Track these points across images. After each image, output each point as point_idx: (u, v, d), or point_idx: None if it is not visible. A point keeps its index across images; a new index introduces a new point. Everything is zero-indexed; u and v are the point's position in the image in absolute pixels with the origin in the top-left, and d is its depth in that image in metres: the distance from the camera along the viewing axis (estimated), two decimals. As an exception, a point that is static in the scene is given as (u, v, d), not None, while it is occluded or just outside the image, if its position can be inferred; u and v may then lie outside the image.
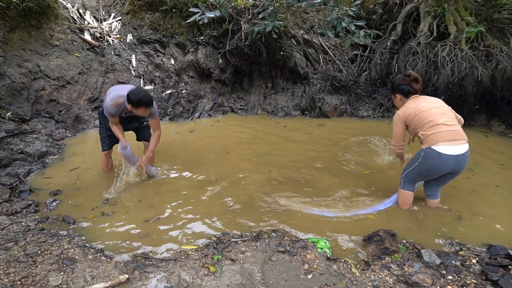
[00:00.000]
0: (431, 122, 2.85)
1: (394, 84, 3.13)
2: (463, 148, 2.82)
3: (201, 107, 7.02)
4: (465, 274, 2.29)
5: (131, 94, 3.18)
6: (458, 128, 2.88)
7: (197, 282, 2.21)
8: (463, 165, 2.89)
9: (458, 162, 2.83)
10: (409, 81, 3.01)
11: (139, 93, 3.20)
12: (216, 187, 3.70)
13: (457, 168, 2.89)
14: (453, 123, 2.87)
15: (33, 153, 4.25)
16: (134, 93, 3.19)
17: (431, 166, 2.90)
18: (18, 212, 3.05)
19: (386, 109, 7.14)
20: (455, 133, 2.83)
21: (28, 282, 2.16)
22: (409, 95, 3.05)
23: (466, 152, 2.84)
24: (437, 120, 2.84)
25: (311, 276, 2.29)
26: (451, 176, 3.03)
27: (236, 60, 7.10)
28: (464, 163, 2.88)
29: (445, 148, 2.79)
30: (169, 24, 7.00)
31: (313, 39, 7.53)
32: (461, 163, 2.86)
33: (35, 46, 5.43)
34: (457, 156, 2.80)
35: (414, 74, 3.04)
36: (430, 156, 2.87)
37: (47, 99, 5.32)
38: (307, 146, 5.15)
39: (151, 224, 2.98)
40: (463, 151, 2.82)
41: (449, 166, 2.85)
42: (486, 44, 6.21)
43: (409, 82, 3.01)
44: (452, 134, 2.82)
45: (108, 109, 3.38)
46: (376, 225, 2.94)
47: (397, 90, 3.10)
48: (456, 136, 2.82)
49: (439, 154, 2.81)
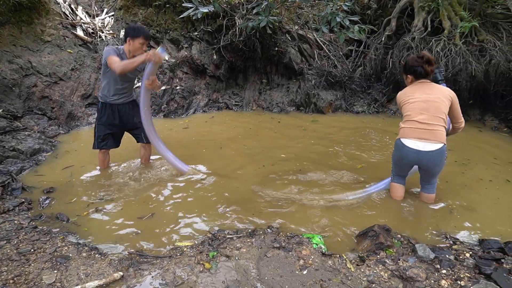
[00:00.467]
0: (408, 116, 2.99)
1: (406, 64, 3.11)
2: (429, 147, 2.89)
3: (196, 104, 6.98)
4: (459, 268, 2.31)
5: (126, 28, 3.29)
6: (432, 128, 2.89)
7: (192, 279, 2.20)
8: (429, 162, 2.95)
9: (420, 157, 2.93)
10: (422, 62, 2.98)
11: (133, 25, 3.31)
12: (211, 183, 3.68)
13: (421, 163, 2.99)
14: (429, 122, 2.89)
15: (25, 150, 4.20)
16: (128, 27, 3.28)
17: (397, 156, 3.10)
18: (10, 210, 3.02)
19: (381, 104, 7.16)
20: (425, 132, 2.89)
21: (21, 280, 2.14)
22: (420, 78, 3.04)
23: (432, 151, 2.88)
24: (413, 116, 2.95)
25: (306, 272, 2.29)
26: (422, 172, 3.14)
27: (231, 56, 7.06)
28: (430, 160, 2.93)
29: (409, 141, 2.95)
30: (163, 19, 6.94)
31: (308, 35, 7.52)
32: (423, 159, 2.94)
33: (26, 42, 5.35)
34: (420, 152, 2.91)
35: (428, 55, 2.99)
36: (397, 146, 3.09)
37: (39, 95, 5.25)
38: (301, 141, 5.15)
39: (145, 221, 2.96)
40: (427, 149, 2.89)
41: (410, 159, 3.00)
42: (480, 39, 6.24)
43: (421, 64, 2.98)
44: (422, 132, 2.90)
45: (107, 50, 3.23)
46: (371, 220, 2.95)
47: (409, 71, 3.08)
48: (425, 135, 2.89)
49: (403, 145, 3.00)
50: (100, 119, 3.61)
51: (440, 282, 2.17)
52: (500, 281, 2.12)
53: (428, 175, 3.12)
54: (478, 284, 2.12)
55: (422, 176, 3.21)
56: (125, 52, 3.34)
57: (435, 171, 3.04)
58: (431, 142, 2.88)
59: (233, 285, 2.16)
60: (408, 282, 2.19)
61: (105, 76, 3.44)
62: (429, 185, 3.22)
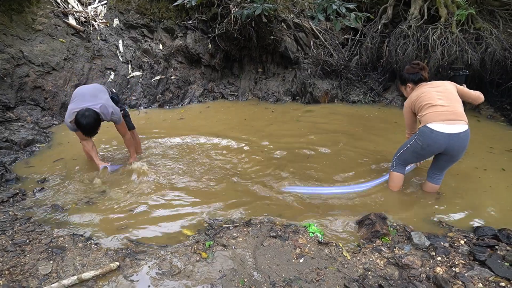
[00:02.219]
0: (428, 103, 2.92)
1: (403, 75, 3.19)
2: (459, 128, 2.81)
3: (191, 93, 6.92)
4: (454, 255, 2.33)
5: (78, 115, 3.13)
6: (456, 109, 2.87)
7: (189, 268, 2.21)
8: (459, 145, 2.87)
9: (451, 141, 2.82)
10: (418, 69, 3.09)
11: (84, 116, 3.11)
12: (206, 174, 3.67)
13: (450, 147, 2.87)
14: (450, 104, 2.88)
15: (19, 141, 4.16)
16: (81, 114, 3.12)
17: (424, 144, 2.93)
18: (4, 202, 2.99)
19: (377, 93, 7.13)
20: (451, 113, 2.84)
21: (17, 271, 2.13)
22: (419, 83, 3.12)
23: (463, 132, 2.82)
24: (433, 102, 2.89)
25: (303, 260, 2.30)
26: (446, 158, 3.02)
27: (226, 45, 6.98)
28: (460, 143, 2.85)
29: (437, 125, 2.83)
30: (156, 8, 6.82)
31: (304, 23, 7.43)
32: (454, 142, 2.83)
33: (16, 30, 5.25)
34: (450, 135, 2.80)
35: (422, 63, 3.14)
36: (423, 134, 2.91)
37: (31, 86, 5.18)
38: (296, 131, 5.14)
39: (141, 211, 2.95)
40: (458, 130, 2.81)
41: (441, 144, 2.86)
42: (477, 27, 6.20)
43: (418, 70, 3.09)
44: (448, 114, 2.83)
45: (69, 125, 3.30)
46: (367, 209, 2.97)
47: (408, 79, 3.16)
48: (451, 116, 2.83)
49: (431, 130, 2.84)
50: None
51: (435, 269, 2.19)
52: (494, 267, 2.15)
53: (450, 161, 3.04)
54: (472, 270, 2.14)
55: (439, 164, 3.13)
56: None
57: (459, 156, 2.98)
58: (458, 123, 2.83)
59: (230, 274, 2.16)
60: (404, 269, 2.21)
61: None
62: (440, 174, 3.20)
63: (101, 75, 6.06)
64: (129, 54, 6.46)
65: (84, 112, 3.10)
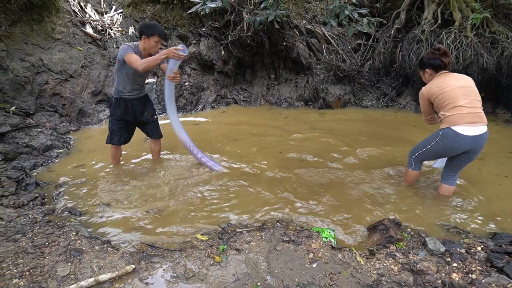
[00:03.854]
0: (452, 103, 2.87)
1: (423, 59, 3.12)
2: (481, 130, 2.85)
3: (204, 99, 7.01)
4: (470, 262, 2.29)
5: (142, 26, 3.28)
6: (479, 110, 2.88)
7: (203, 272, 2.23)
8: (480, 146, 2.92)
9: (475, 142, 2.86)
10: (438, 55, 2.99)
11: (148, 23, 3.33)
12: (222, 177, 3.70)
13: (473, 148, 2.91)
14: (474, 106, 2.87)
15: (38, 146, 4.27)
16: (144, 25, 3.29)
17: (448, 146, 2.94)
18: (25, 205, 3.08)
19: (390, 98, 7.09)
20: (475, 115, 2.84)
21: (37, 272, 2.19)
22: (439, 70, 3.02)
23: (484, 133, 2.87)
24: (458, 102, 2.85)
25: (316, 265, 2.30)
26: (466, 158, 3.02)
27: (239, 52, 7.05)
28: (481, 144, 2.91)
29: (463, 128, 2.83)
30: (171, 16, 6.96)
31: (316, 29, 7.46)
32: (478, 143, 2.88)
33: (37, 40, 5.42)
34: (475, 137, 2.84)
35: (443, 48, 3.03)
36: (447, 136, 2.91)
37: (50, 92, 5.33)
38: (310, 135, 5.14)
39: (157, 214, 3.00)
40: (481, 132, 2.85)
41: (465, 146, 2.89)
42: (492, 30, 6.13)
43: (438, 56, 2.99)
44: (472, 116, 2.83)
45: (126, 48, 3.24)
46: (381, 214, 2.95)
47: (427, 64, 3.07)
48: (475, 119, 2.84)
49: (457, 134, 2.85)
50: (114, 114, 3.64)
51: (451, 275, 2.16)
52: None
53: (467, 161, 3.05)
54: (490, 277, 2.11)
55: (455, 164, 3.13)
56: (139, 49, 3.35)
57: (477, 155, 3.02)
58: (481, 124, 2.86)
59: (244, 278, 2.18)
60: (419, 275, 2.19)
61: (119, 72, 3.45)
62: (455, 176, 3.20)
63: (116, 82, 6.20)
64: (144, 61, 6.59)
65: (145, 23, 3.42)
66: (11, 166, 3.71)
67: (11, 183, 3.34)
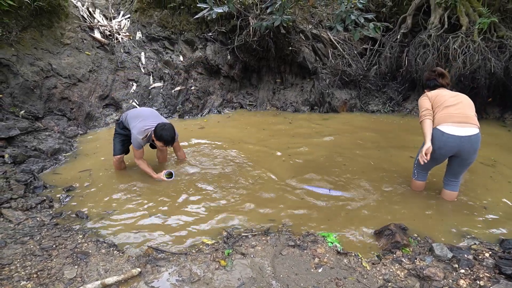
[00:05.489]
0: (442, 104, 2.95)
1: (422, 81, 3.29)
2: (470, 131, 2.83)
3: (210, 104, 7.04)
4: (478, 268, 2.27)
5: (158, 127, 3.43)
6: (469, 113, 2.89)
7: (208, 276, 2.24)
8: (470, 148, 2.87)
9: (462, 143, 2.84)
10: (434, 76, 3.18)
11: (165, 129, 3.42)
12: (227, 181, 3.71)
13: (462, 150, 2.88)
14: (465, 109, 2.90)
15: (46, 150, 4.32)
16: (161, 127, 3.43)
17: (436, 146, 2.93)
18: (33, 208, 3.11)
19: (397, 103, 7.06)
20: (463, 116, 2.86)
21: (44, 275, 2.21)
22: (435, 89, 3.17)
23: (474, 136, 2.83)
24: (448, 104, 2.93)
25: (322, 270, 2.29)
26: (459, 162, 3.01)
27: (245, 56, 7.09)
28: (471, 146, 2.86)
29: (449, 128, 2.85)
30: (178, 21, 7.02)
31: (322, 34, 7.48)
32: (466, 145, 2.85)
33: (46, 44, 5.50)
34: (462, 138, 2.82)
35: (440, 69, 3.18)
36: (435, 137, 2.92)
37: (59, 97, 5.40)
38: (316, 140, 5.14)
39: (163, 219, 3.01)
40: (468, 133, 2.82)
41: (452, 147, 2.88)
42: (499, 35, 6.08)
43: (434, 77, 3.18)
44: (460, 117, 2.86)
45: (138, 142, 3.54)
46: (387, 219, 2.93)
47: (424, 86, 3.28)
48: (462, 119, 2.85)
49: (442, 133, 2.87)
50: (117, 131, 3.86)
51: (458, 281, 2.14)
52: (521, 281, 2.08)
53: (462, 166, 3.03)
54: (498, 284, 2.08)
55: (452, 169, 3.12)
56: (152, 138, 3.58)
57: (471, 159, 2.97)
58: (470, 126, 2.84)
59: (249, 282, 2.18)
60: (425, 281, 2.17)
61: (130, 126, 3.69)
62: (455, 181, 3.17)
63: (124, 86, 6.26)
64: (151, 65, 6.66)
65: (163, 126, 3.43)
66: (20, 169, 3.77)
67: (19, 186, 3.38)
